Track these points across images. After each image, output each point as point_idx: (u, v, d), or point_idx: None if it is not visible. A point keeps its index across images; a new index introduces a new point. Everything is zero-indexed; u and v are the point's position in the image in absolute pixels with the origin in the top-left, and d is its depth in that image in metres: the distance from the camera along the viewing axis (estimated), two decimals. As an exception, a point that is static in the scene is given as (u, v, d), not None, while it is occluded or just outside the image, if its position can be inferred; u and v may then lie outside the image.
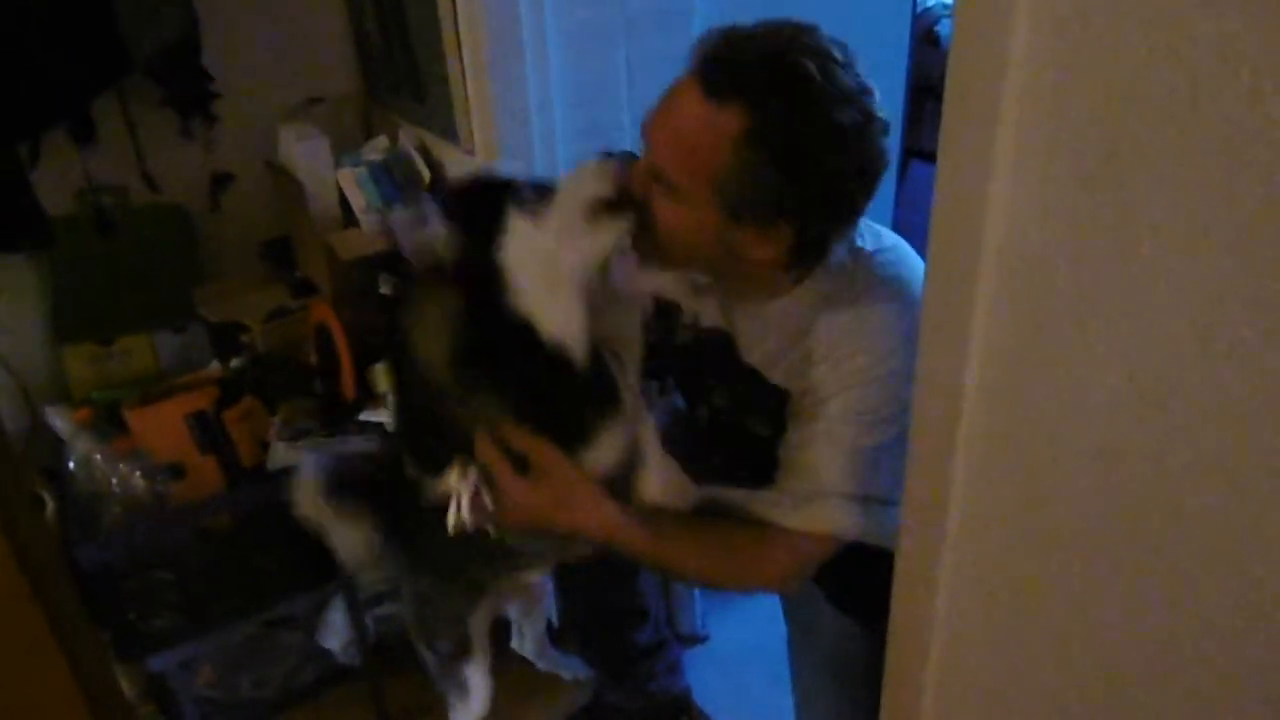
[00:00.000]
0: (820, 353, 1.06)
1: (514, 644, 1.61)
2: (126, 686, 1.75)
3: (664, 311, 1.29)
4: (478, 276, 0.95)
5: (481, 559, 1.27)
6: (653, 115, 1.01)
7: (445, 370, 1.00)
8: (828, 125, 0.94)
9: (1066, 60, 0.57)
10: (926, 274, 0.74)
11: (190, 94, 2.05)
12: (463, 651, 1.39)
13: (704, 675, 1.90)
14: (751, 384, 1.16)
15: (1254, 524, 0.58)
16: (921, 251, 1.15)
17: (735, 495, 1.12)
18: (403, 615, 1.46)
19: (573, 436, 1.02)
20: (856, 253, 1.08)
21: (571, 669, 1.84)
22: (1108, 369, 0.62)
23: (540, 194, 0.97)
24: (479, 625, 1.38)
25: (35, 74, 1.78)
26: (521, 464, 1.01)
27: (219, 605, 1.78)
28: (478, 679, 1.41)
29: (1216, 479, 0.58)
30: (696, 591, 2.01)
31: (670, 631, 1.82)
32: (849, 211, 1.02)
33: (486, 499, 1.04)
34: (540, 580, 1.61)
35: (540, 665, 1.74)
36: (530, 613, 1.61)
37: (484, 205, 0.98)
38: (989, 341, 0.69)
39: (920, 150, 3.04)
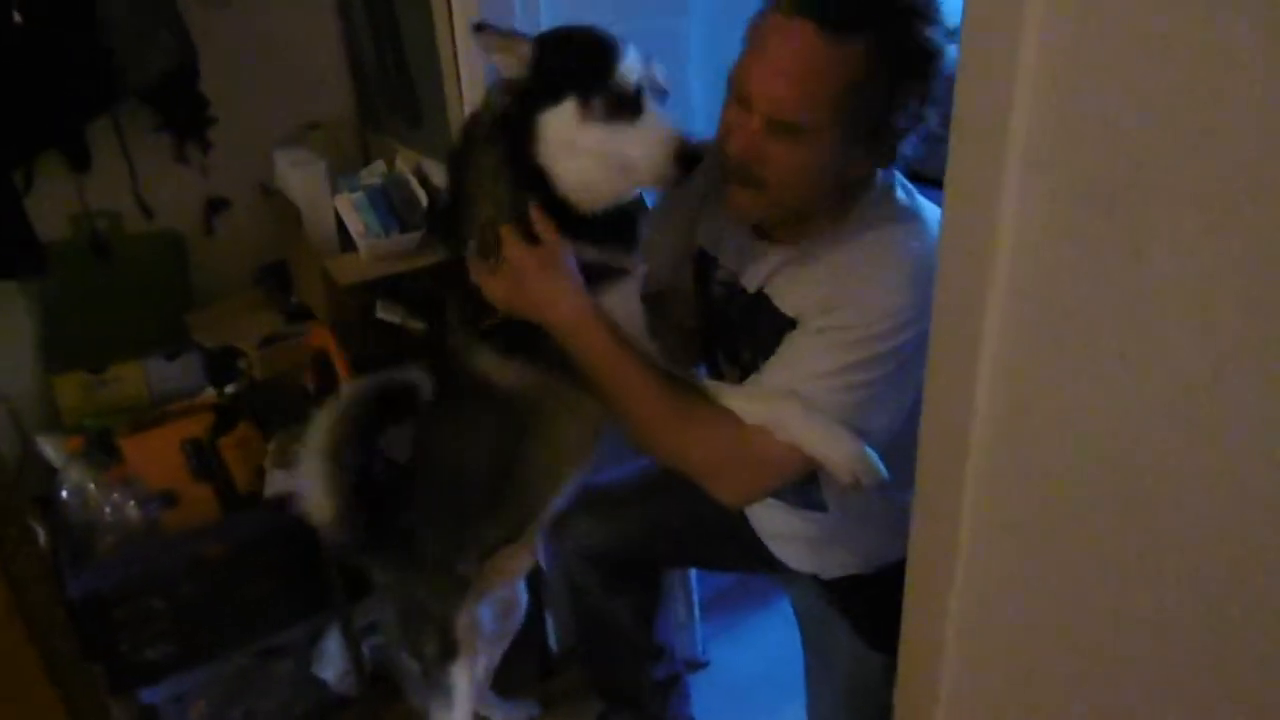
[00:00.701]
0: (830, 274, 1.08)
1: None
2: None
3: (702, 264, 1.29)
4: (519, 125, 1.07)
5: (467, 547, 1.30)
6: (759, 66, 1.00)
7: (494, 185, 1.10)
8: (939, 29, 0.98)
9: (1073, 78, 0.58)
10: (936, 294, 0.73)
11: (186, 119, 2.05)
12: (449, 652, 1.38)
13: (706, 700, 1.87)
14: (776, 326, 1.15)
15: (1262, 529, 0.57)
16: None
17: (705, 380, 1.13)
18: (386, 629, 1.46)
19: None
20: (885, 188, 1.11)
21: (506, 712, 1.84)
22: (1116, 382, 0.62)
23: (621, 102, 1.04)
24: (465, 625, 1.38)
25: (30, 99, 1.78)
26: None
27: (213, 635, 1.75)
28: (464, 682, 1.40)
29: (1224, 487, 0.58)
30: (698, 617, 1.99)
31: (681, 663, 1.80)
32: (935, 91, 1.03)
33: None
34: (519, 587, 1.61)
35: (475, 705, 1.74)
36: (495, 642, 1.60)
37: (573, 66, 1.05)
38: (999, 358, 0.69)
39: (916, 174, 3.06)
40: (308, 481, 1.23)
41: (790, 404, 1.04)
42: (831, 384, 1.05)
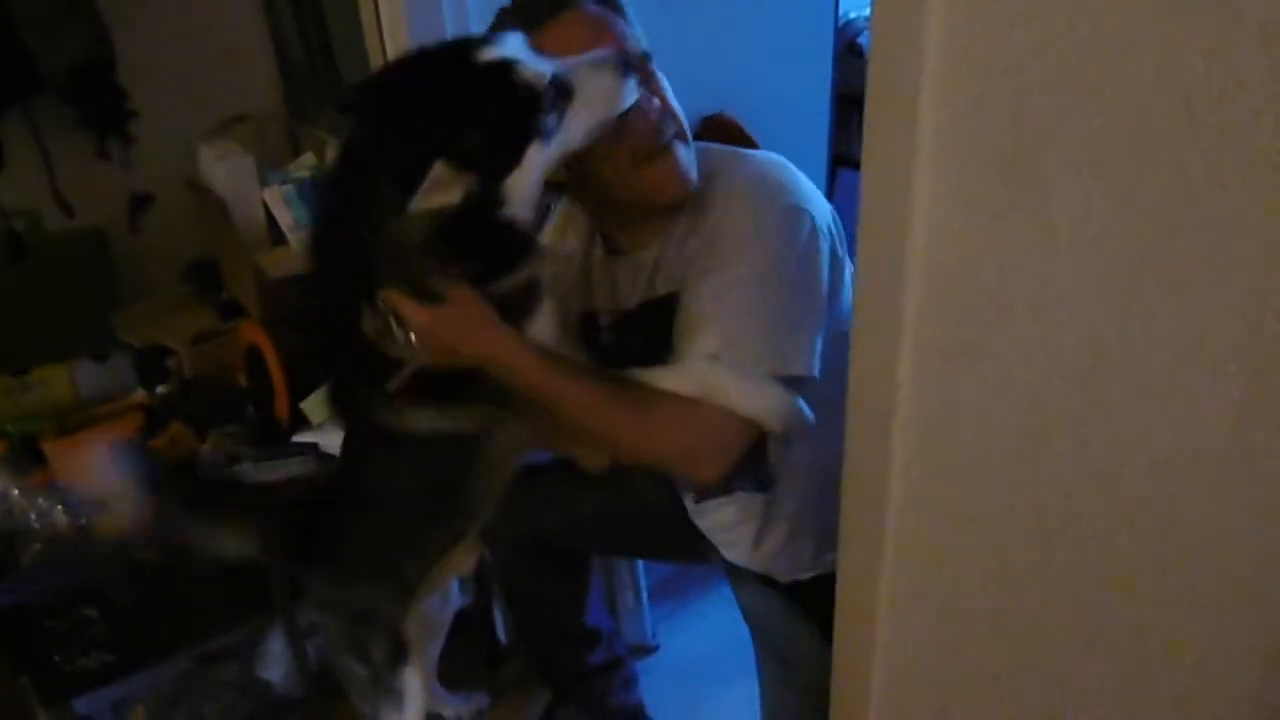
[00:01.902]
0: (693, 228, 1.11)
1: None
2: (52, 732, 1.67)
3: (584, 326, 1.30)
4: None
5: (414, 549, 1.28)
6: (586, 43, 1.07)
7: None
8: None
9: (979, 54, 0.59)
10: (858, 272, 0.74)
11: (105, 113, 1.99)
12: (400, 655, 1.36)
13: (654, 685, 1.88)
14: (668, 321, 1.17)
15: (1175, 495, 0.59)
16: (851, 256, 1.18)
17: (632, 371, 1.12)
18: (328, 637, 1.42)
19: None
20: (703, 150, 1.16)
21: (454, 706, 1.82)
22: (1032, 353, 0.63)
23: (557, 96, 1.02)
24: (414, 627, 1.36)
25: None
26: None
27: (151, 641, 1.71)
28: (415, 684, 1.38)
29: (1138, 454, 0.60)
30: (645, 602, 2.00)
31: (624, 648, 1.81)
32: None
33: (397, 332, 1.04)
34: (453, 590, 1.60)
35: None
36: (434, 634, 1.59)
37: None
38: (919, 335, 0.70)
39: (848, 159, 3.10)
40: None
41: (714, 369, 1.04)
42: (737, 306, 1.04)
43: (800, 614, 1.33)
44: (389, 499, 1.25)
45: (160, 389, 1.92)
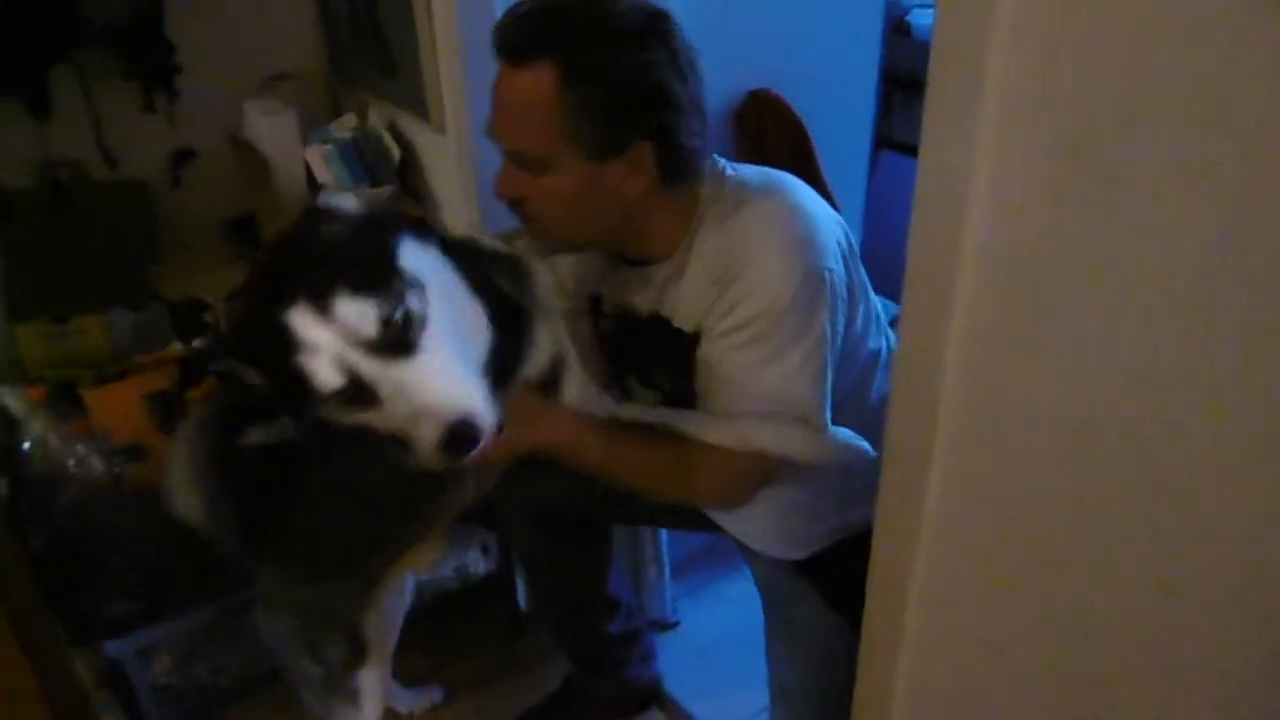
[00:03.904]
0: (712, 276, 1.11)
1: None
2: (81, 672, 1.70)
3: (592, 305, 1.31)
4: None
5: (377, 546, 1.25)
6: (490, 116, 1.10)
7: None
8: (622, 31, 1.04)
9: (1050, 29, 0.57)
10: (910, 252, 0.73)
11: (152, 66, 2.00)
12: (359, 655, 1.33)
13: (674, 661, 1.89)
14: (675, 344, 1.18)
15: (1228, 497, 0.58)
16: (901, 236, 1.16)
17: (663, 414, 1.18)
18: (277, 637, 1.37)
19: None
20: (722, 177, 1.16)
21: (408, 701, 1.81)
22: (1087, 344, 0.62)
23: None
24: (373, 626, 1.33)
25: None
26: None
27: (177, 590, 1.74)
28: (372, 683, 1.36)
29: (1194, 452, 0.58)
30: (667, 578, 2.00)
31: (643, 620, 1.81)
32: (687, 103, 1.09)
33: None
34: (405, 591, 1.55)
35: None
36: (389, 630, 1.53)
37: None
38: (969, 320, 0.69)
39: (892, 141, 3.05)
40: (177, 493, 1.17)
41: (745, 422, 1.10)
42: (767, 380, 1.08)
43: (807, 583, 1.33)
44: (351, 493, 1.20)
45: (196, 342, 1.94)
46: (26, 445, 1.66)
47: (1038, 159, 0.60)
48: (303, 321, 0.83)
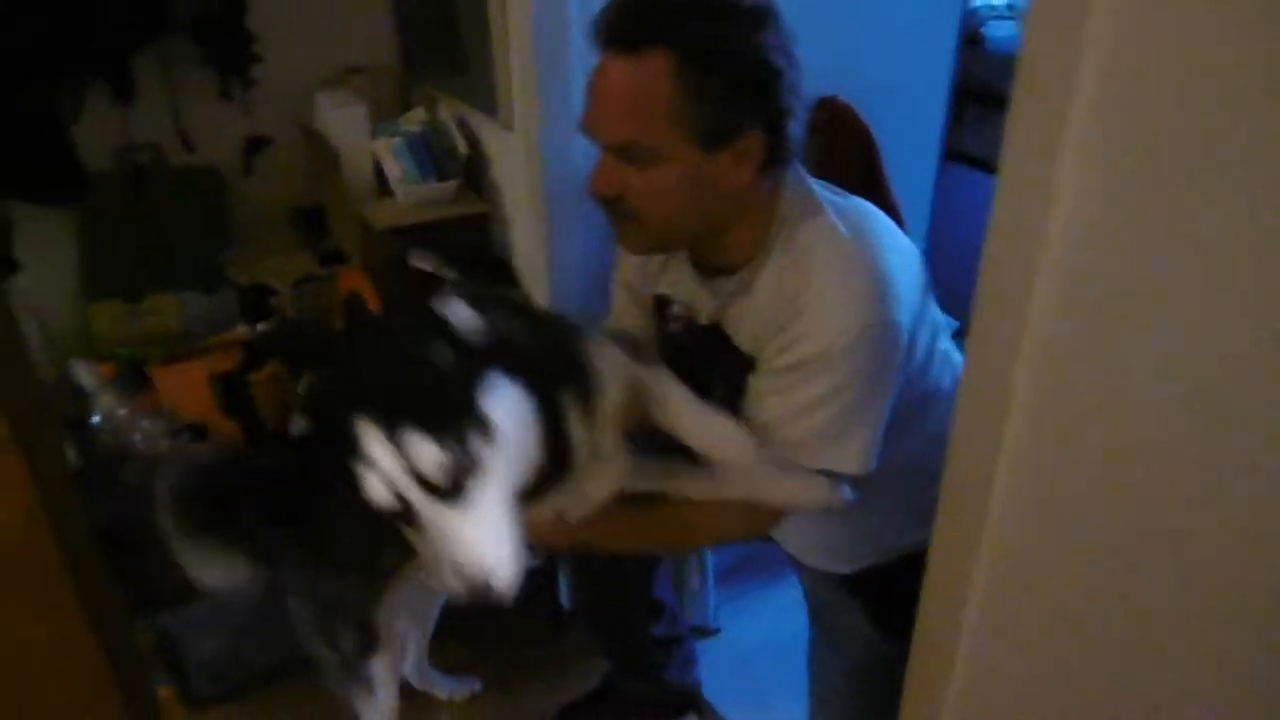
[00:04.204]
0: (778, 303, 1.08)
1: None
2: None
3: (658, 305, 1.29)
4: None
5: (389, 542, 1.20)
6: (590, 109, 1.06)
7: None
8: (735, 12, 1.00)
9: (1145, 45, 0.55)
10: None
11: (231, 55, 2.05)
12: (369, 647, 1.34)
13: (714, 668, 1.88)
14: (734, 361, 1.17)
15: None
16: (963, 249, 1.14)
17: (678, 472, 1.14)
18: (297, 618, 1.38)
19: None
20: (803, 192, 1.11)
21: (448, 688, 1.82)
22: (1162, 364, 0.60)
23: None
24: (386, 618, 1.34)
25: (78, 26, 1.78)
26: None
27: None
28: (385, 674, 1.37)
29: (1265, 482, 0.56)
30: (711, 585, 1.99)
31: (686, 627, 1.81)
32: (796, 87, 1.05)
33: None
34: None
35: (415, 683, 1.72)
36: (422, 620, 1.57)
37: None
38: (1041, 337, 0.67)
39: (960, 153, 3.01)
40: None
41: (755, 473, 1.10)
42: (810, 420, 1.06)
43: (853, 598, 1.31)
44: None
45: (261, 326, 1.98)
46: (96, 419, 1.72)
47: (1123, 177, 0.59)
48: (370, 437, 0.84)
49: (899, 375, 1.09)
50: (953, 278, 1.30)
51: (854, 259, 1.05)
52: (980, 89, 2.93)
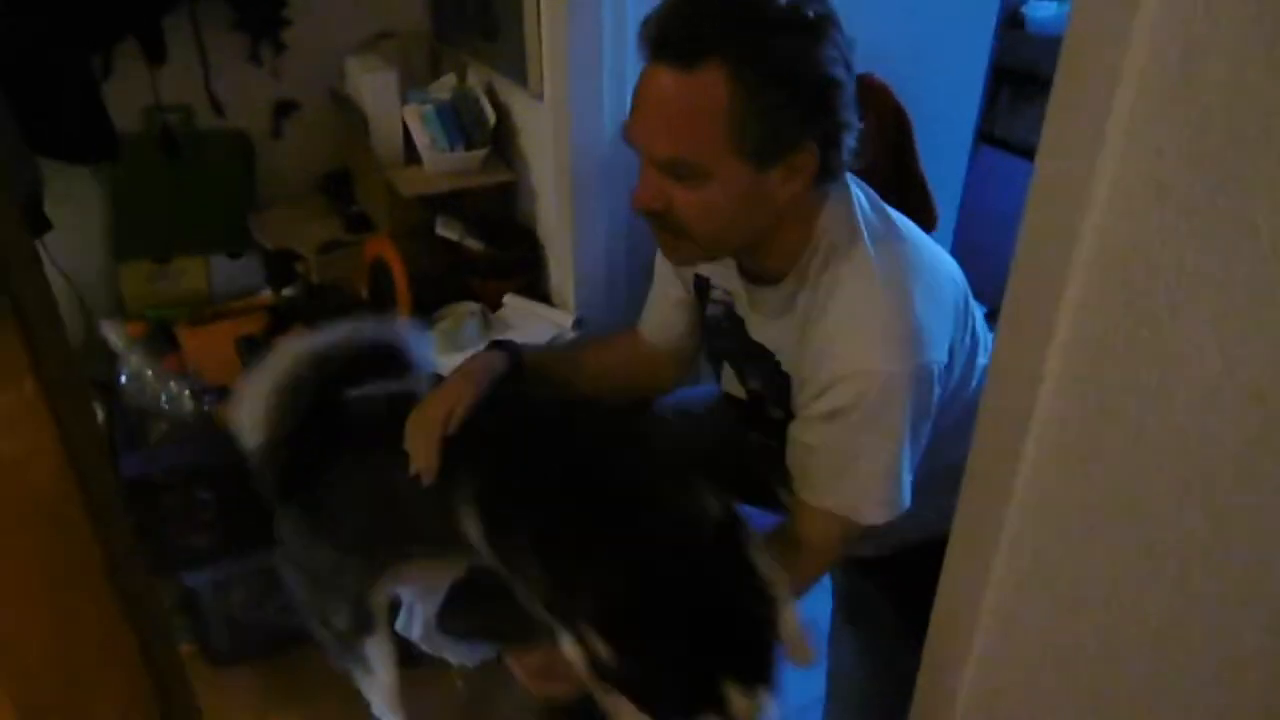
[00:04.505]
0: (813, 347, 1.05)
1: (398, 625, 1.53)
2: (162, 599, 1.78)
3: (699, 284, 1.28)
4: None
5: (393, 540, 1.25)
6: (637, 120, 1.00)
7: None
8: (794, 22, 0.95)
9: (1197, 29, 0.53)
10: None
11: (262, 18, 2.04)
12: (364, 628, 1.33)
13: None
14: (767, 365, 1.15)
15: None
16: (992, 233, 1.13)
17: None
18: (290, 587, 1.37)
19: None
20: (847, 205, 1.07)
21: (459, 655, 1.78)
22: (1203, 360, 0.59)
23: None
24: (380, 601, 1.33)
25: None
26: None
27: (255, 530, 1.79)
28: (380, 654, 1.36)
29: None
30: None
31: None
32: (849, 103, 1.01)
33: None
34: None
35: (426, 648, 1.72)
36: (427, 596, 1.56)
37: None
38: (1074, 331, 0.66)
39: (992, 136, 2.96)
40: (250, 400, 1.22)
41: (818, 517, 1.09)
42: (854, 477, 1.05)
43: (877, 581, 1.32)
44: (378, 484, 1.22)
45: (287, 291, 1.99)
46: (123, 379, 1.73)
47: (1168, 165, 0.57)
48: (732, 691, 0.86)
49: (936, 407, 1.06)
50: (982, 261, 1.28)
51: (883, 303, 1.01)
52: (1018, 71, 2.88)
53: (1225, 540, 0.61)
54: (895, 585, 1.29)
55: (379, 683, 1.38)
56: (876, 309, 1.01)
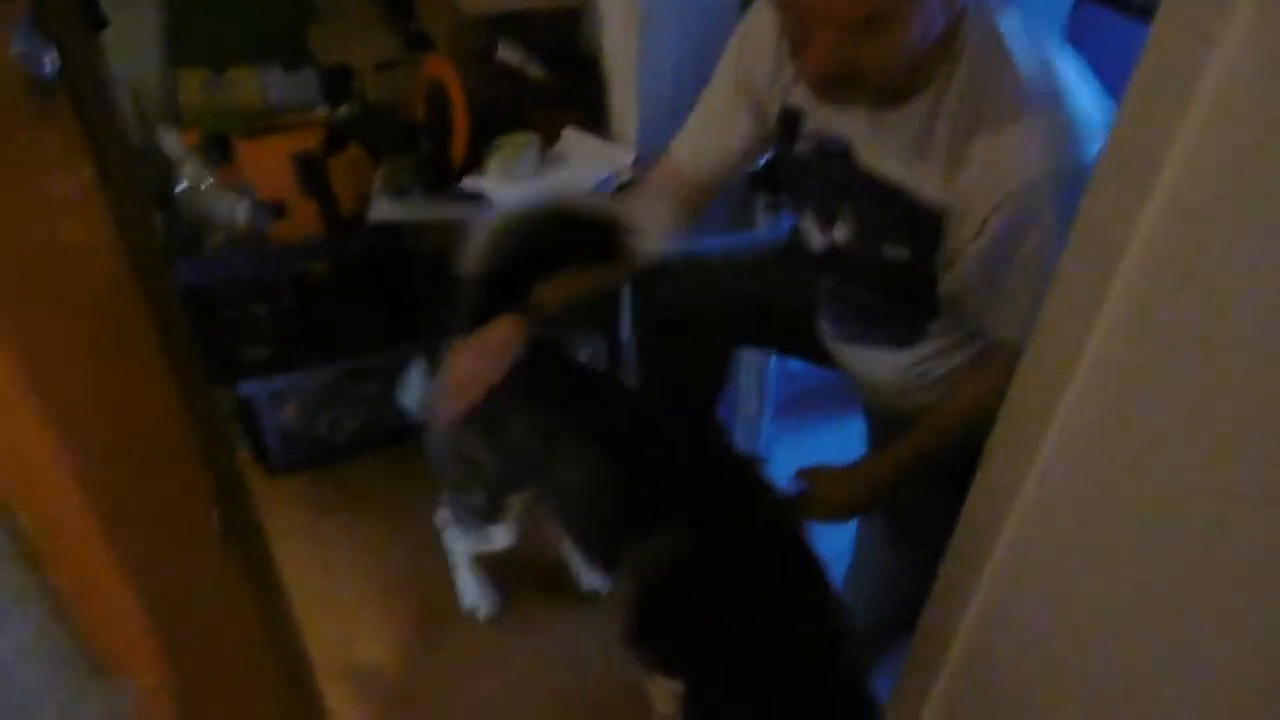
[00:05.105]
0: (974, 163, 1.03)
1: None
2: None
3: (787, 119, 1.20)
4: None
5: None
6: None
7: None
8: None
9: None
10: (1073, 239, 0.68)
11: None
12: (493, 515, 1.42)
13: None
14: (881, 198, 1.10)
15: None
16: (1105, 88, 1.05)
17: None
18: (437, 447, 1.44)
19: None
20: (999, 51, 1.02)
21: (489, 603, 1.77)
22: (1246, 352, 0.56)
23: None
24: (516, 500, 1.41)
25: None
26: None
27: (307, 345, 1.84)
28: (502, 536, 1.47)
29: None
30: (769, 413, 2.00)
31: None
32: None
33: None
34: None
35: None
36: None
37: None
38: (1120, 309, 0.63)
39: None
40: (483, 230, 1.24)
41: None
42: (1030, 290, 1.03)
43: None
44: (550, 431, 1.27)
45: (342, 109, 1.95)
46: (180, 186, 1.73)
47: (1230, 167, 0.53)
48: None
49: None
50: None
51: (1036, 99, 1.00)
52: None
53: (1240, 532, 0.59)
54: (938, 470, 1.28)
55: (473, 539, 1.51)
56: (1028, 105, 1.00)
